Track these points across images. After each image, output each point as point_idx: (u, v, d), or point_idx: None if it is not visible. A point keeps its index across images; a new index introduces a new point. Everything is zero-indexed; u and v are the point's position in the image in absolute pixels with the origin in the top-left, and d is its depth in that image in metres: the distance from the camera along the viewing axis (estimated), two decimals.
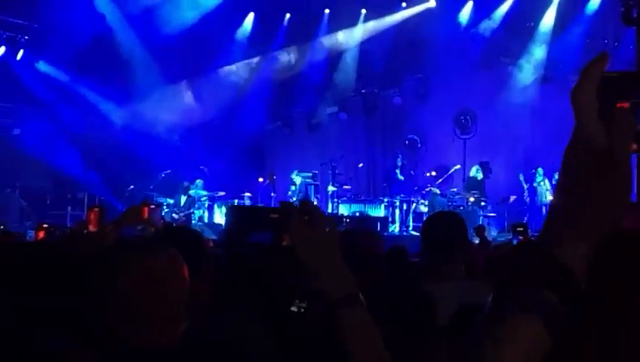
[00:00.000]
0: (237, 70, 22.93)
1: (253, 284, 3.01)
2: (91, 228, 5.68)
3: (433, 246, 4.40)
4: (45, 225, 7.61)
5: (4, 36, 20.48)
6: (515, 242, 8.61)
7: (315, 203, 20.86)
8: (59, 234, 7.47)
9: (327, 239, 1.93)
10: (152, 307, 2.24)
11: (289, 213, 1.93)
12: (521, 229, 9.23)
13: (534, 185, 18.75)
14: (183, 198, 20.12)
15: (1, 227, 12.10)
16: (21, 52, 20.78)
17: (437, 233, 4.42)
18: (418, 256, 5.88)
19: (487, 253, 7.38)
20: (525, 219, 18.23)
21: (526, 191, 18.94)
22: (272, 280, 2.94)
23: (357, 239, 4.00)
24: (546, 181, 18.53)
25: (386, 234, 17.15)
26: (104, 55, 20.67)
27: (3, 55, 20.59)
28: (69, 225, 16.20)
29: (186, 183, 20.47)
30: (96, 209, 5.93)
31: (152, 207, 6.02)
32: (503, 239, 14.50)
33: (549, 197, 18.51)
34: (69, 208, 20.22)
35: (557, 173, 1.53)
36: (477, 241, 11.69)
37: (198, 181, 20.89)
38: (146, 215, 5.64)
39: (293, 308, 2.49)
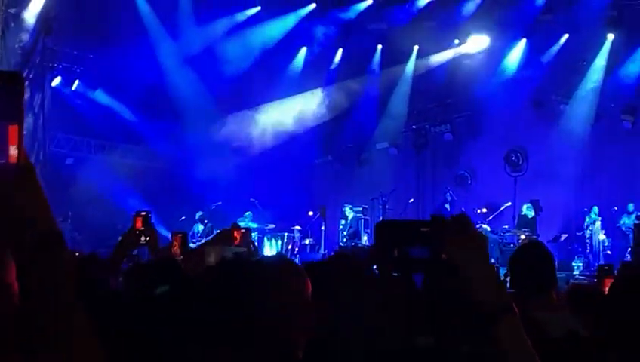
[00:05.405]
0: (288, 104, 23.07)
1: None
2: (174, 251, 6.08)
3: (525, 276, 4.37)
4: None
5: (60, 66, 20.63)
6: None
7: (365, 238, 20.96)
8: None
9: (482, 251, 1.99)
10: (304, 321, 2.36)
11: (443, 226, 1.97)
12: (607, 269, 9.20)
13: (586, 223, 18.55)
14: (200, 227, 20.41)
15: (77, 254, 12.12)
16: (76, 82, 20.93)
17: (527, 264, 4.42)
18: None
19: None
20: (576, 257, 18.10)
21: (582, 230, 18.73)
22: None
23: None
24: (598, 221, 18.28)
25: None
26: (158, 88, 21.06)
27: (58, 85, 20.74)
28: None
29: (199, 213, 20.74)
30: (180, 235, 6.31)
31: (243, 231, 6.38)
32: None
33: (601, 236, 18.28)
34: (119, 238, 20.01)
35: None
36: None
37: (247, 213, 21.04)
38: (238, 238, 6.00)
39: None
